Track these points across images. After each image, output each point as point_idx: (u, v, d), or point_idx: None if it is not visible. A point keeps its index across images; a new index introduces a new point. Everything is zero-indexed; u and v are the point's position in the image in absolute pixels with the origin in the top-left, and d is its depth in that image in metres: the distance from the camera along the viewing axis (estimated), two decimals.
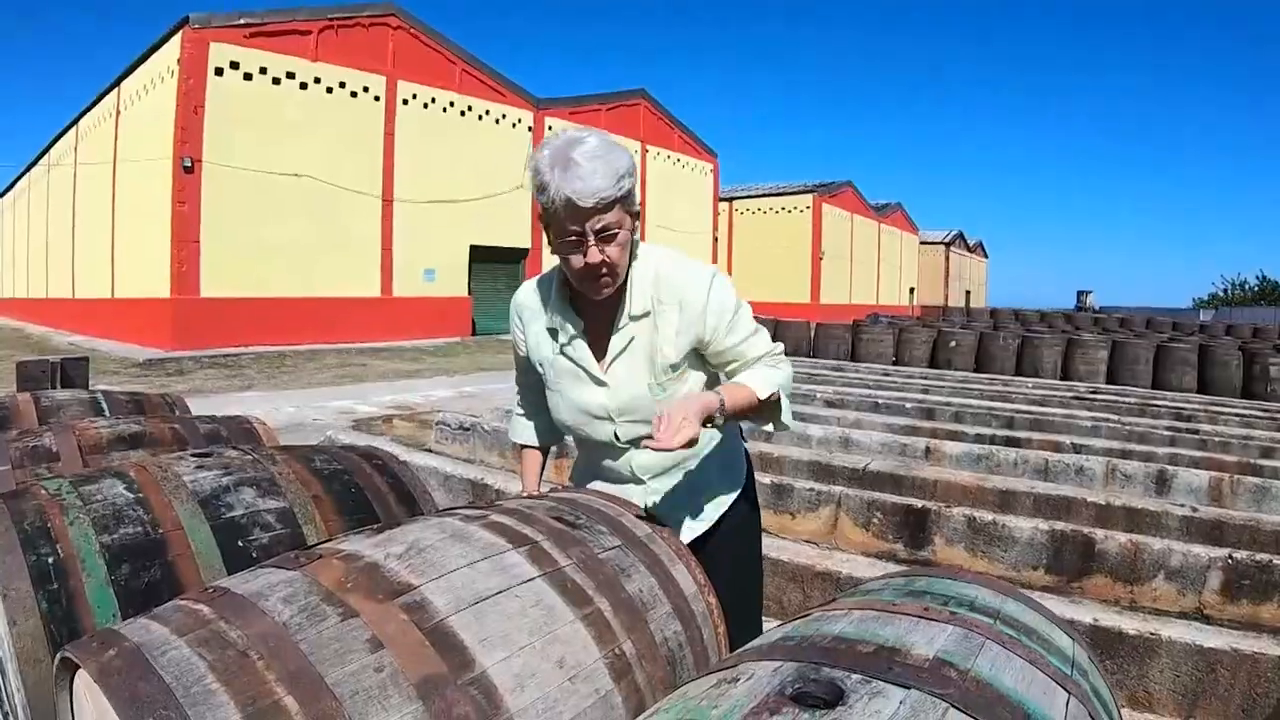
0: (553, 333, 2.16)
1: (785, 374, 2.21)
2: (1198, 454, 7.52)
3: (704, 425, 1.93)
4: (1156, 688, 3.65)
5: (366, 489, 2.48)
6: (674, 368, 2.13)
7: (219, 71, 19.21)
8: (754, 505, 2.40)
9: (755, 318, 2.19)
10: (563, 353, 2.16)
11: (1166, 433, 8.62)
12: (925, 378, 14.27)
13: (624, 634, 1.68)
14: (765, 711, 1.03)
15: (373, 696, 1.29)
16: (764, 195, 47.48)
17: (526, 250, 27.91)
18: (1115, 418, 9.39)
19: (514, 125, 27.45)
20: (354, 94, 22.22)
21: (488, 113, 26.43)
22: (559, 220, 1.94)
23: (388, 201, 23.02)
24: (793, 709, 1.03)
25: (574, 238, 1.94)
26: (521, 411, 2.46)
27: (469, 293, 25.68)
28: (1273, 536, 5.10)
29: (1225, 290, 66.78)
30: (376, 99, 22.86)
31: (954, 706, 1.06)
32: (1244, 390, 12.01)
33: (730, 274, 32.78)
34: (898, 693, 1.07)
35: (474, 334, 25.27)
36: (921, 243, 65.30)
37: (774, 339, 2.24)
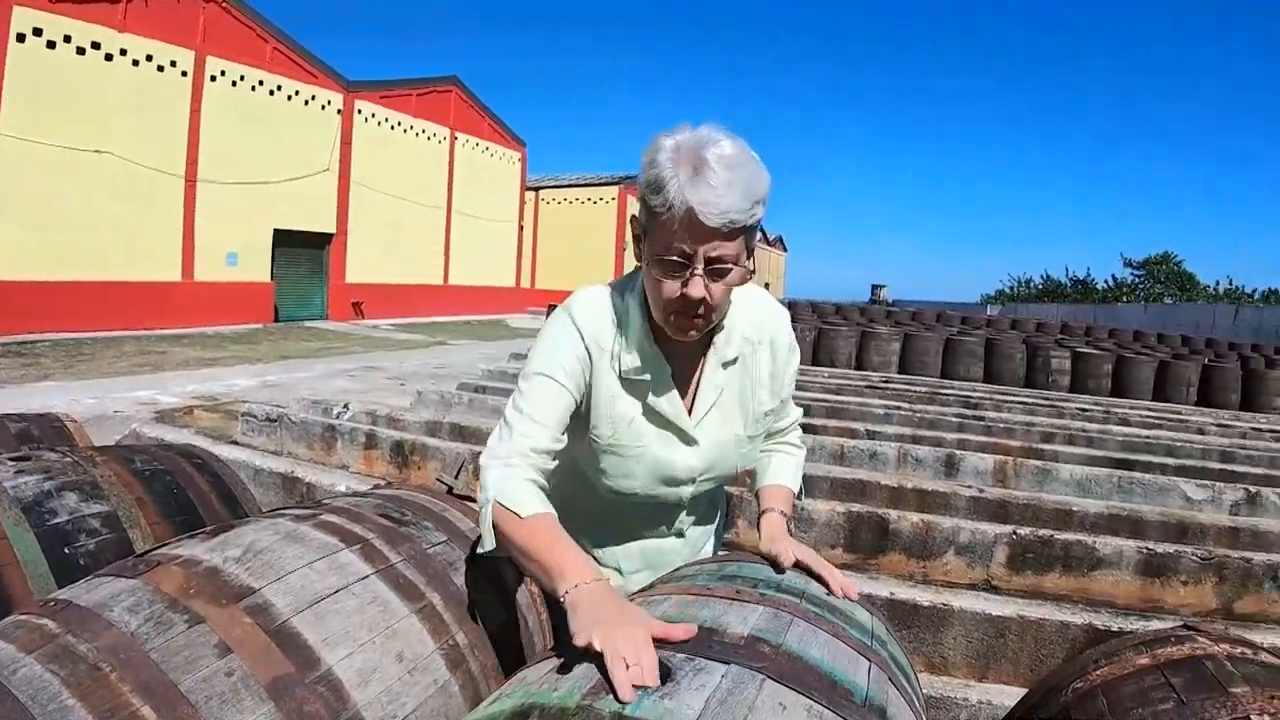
0: (633, 383, 1.75)
1: (803, 455, 2.12)
2: (984, 439, 7.98)
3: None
4: (951, 653, 3.95)
5: (189, 490, 2.47)
6: (767, 415, 1.92)
7: (20, 38, 17.90)
8: None
9: (555, 306, 1.94)
10: (649, 406, 1.77)
11: (955, 419, 9.07)
12: None
13: (456, 626, 1.75)
14: (602, 691, 1.10)
15: (226, 700, 1.32)
16: (570, 185, 47.52)
17: (331, 235, 27.20)
18: (907, 405, 9.81)
19: (323, 107, 26.62)
20: (161, 68, 21.08)
21: (297, 93, 25.54)
22: (667, 232, 1.54)
23: (191, 182, 21.97)
24: None
25: (678, 259, 1.56)
26: (529, 477, 1.63)
27: (271, 278, 24.84)
28: (1053, 514, 5.50)
29: (1011, 288, 69.88)
30: (184, 74, 21.75)
31: (770, 677, 1.17)
32: (1027, 380, 12.76)
33: (534, 264, 32.55)
34: (719, 668, 1.16)
35: (276, 320, 24.44)
36: None
37: None
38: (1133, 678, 1.59)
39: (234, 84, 23.28)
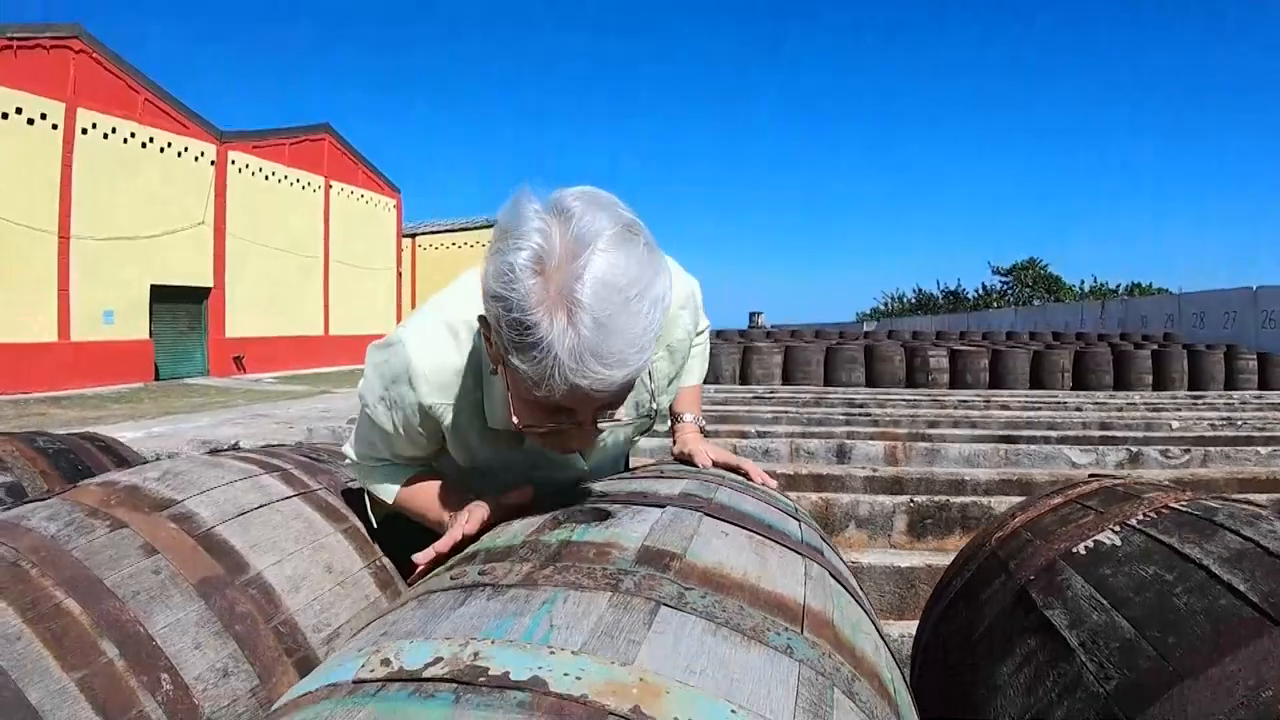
0: (504, 431, 1.43)
1: (707, 339, 1.95)
2: (872, 429, 8.17)
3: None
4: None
5: (94, 468, 2.43)
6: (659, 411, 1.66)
7: None
8: None
9: None
10: (525, 450, 1.50)
11: (842, 416, 9.23)
12: None
13: (381, 549, 1.74)
14: (546, 529, 1.11)
15: (155, 596, 1.30)
16: (446, 231, 47.41)
17: (209, 289, 26.52)
18: (794, 409, 9.93)
19: (196, 159, 25.91)
20: (31, 121, 20.23)
21: (170, 145, 24.81)
22: (541, 399, 1.11)
23: (64, 238, 21.12)
24: (571, 523, 1.13)
25: (557, 422, 1.20)
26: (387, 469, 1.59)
27: (150, 335, 24.08)
28: (946, 484, 5.68)
29: (886, 304, 71.30)
30: (55, 127, 20.93)
31: (707, 515, 1.20)
32: (908, 381, 13.03)
33: (414, 309, 32.41)
34: (656, 511, 1.19)
35: (157, 378, 23.64)
36: None
37: None
38: (1050, 513, 1.68)
39: (105, 136, 22.56)
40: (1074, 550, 1.45)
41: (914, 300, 68.19)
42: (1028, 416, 9.29)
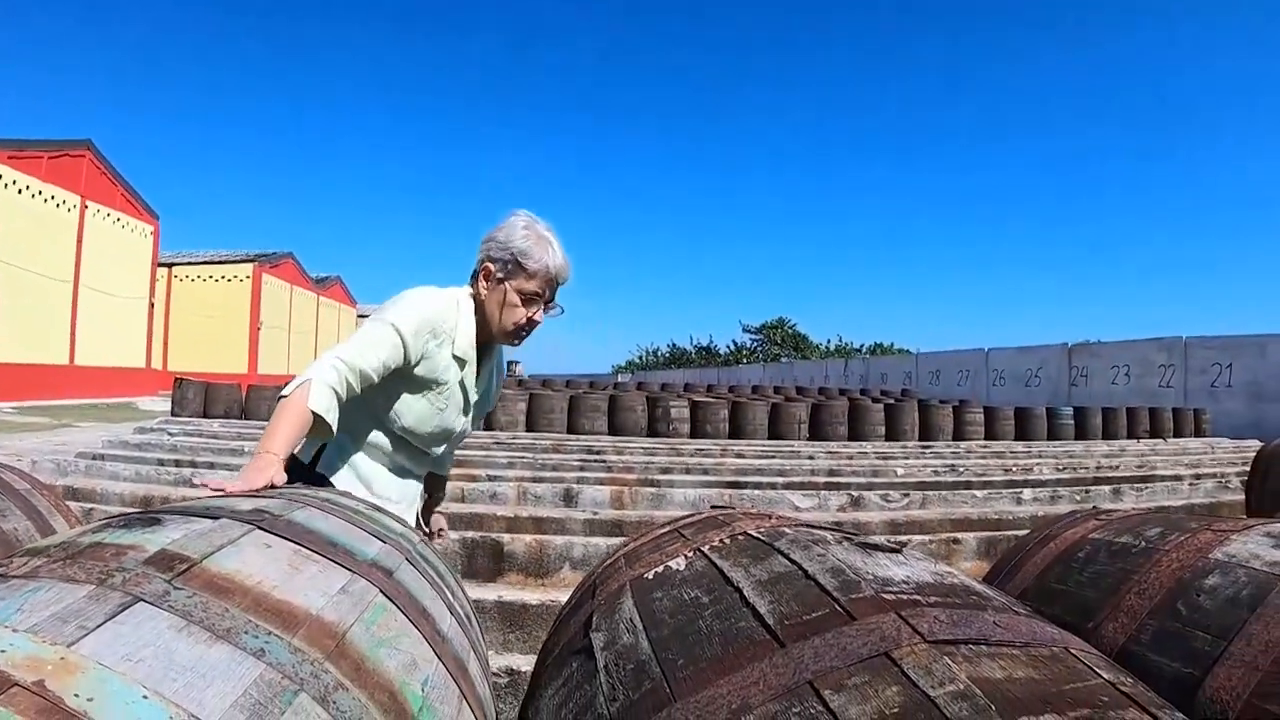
0: (460, 362, 2.39)
1: None
2: (603, 475, 8.31)
3: None
4: None
5: None
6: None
7: None
8: None
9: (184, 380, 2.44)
10: (462, 380, 2.42)
11: (577, 463, 9.34)
12: None
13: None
14: (91, 531, 1.16)
15: None
16: (205, 263, 45.72)
17: None
18: (530, 455, 9.98)
19: None
20: None
21: None
22: (532, 282, 2.32)
23: None
24: (113, 528, 1.16)
25: (534, 298, 2.35)
26: (340, 394, 2.13)
27: None
28: (665, 525, 5.82)
29: (640, 357, 73.38)
30: None
31: (260, 528, 1.25)
32: (649, 430, 13.25)
33: (166, 343, 30.28)
34: (208, 522, 1.23)
35: None
36: (360, 315, 65.91)
37: (205, 400, 3.85)
38: (651, 541, 1.81)
39: None
40: (645, 575, 1.51)
41: (668, 355, 70.13)
42: (760, 465, 9.63)
